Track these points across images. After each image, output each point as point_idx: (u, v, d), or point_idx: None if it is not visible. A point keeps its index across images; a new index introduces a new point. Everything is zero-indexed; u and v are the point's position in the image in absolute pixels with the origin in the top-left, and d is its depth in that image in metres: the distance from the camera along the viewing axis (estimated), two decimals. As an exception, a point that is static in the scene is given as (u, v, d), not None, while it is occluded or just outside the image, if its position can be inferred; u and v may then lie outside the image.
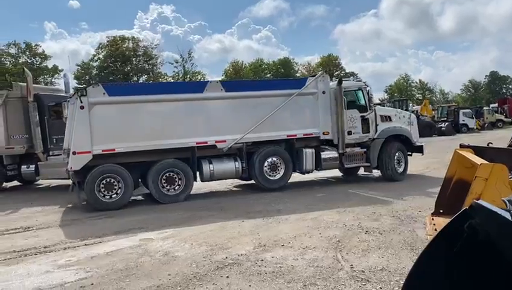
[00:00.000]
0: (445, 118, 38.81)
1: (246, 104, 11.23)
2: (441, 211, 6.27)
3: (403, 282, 4.15)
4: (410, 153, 12.71)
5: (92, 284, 5.15)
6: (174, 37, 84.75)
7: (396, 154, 12.13)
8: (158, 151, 10.51)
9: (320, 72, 12.51)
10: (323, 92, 11.76)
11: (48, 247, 6.97)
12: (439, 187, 6.59)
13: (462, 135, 32.59)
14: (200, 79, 66.79)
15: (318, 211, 8.54)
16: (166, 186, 10.53)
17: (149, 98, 10.55)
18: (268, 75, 79.27)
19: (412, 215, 7.76)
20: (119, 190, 10.16)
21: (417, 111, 36.40)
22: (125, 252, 6.45)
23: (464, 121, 38.10)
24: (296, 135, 11.54)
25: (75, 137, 9.93)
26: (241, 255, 5.95)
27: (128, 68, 60.46)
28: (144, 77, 60.33)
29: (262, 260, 5.67)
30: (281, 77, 75.94)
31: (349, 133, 11.90)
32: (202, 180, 11.24)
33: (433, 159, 15.15)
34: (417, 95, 77.85)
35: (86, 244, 7.02)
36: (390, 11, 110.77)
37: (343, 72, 75.62)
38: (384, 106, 29.64)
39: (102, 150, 10.01)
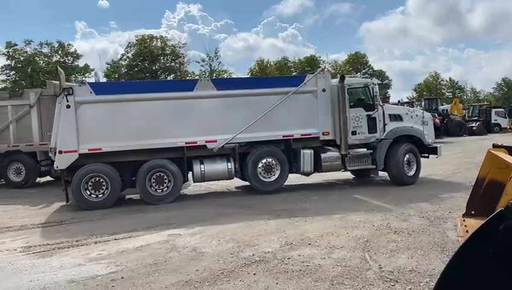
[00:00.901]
0: (477, 118, 37.76)
1: (239, 103, 10.80)
2: (473, 212, 6.11)
3: (433, 284, 4.08)
4: (426, 155, 11.97)
5: (122, 278, 5.28)
6: (201, 35, 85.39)
7: (407, 156, 11.33)
8: (148, 151, 10.36)
9: (319, 69, 11.82)
10: (323, 90, 11.18)
11: (79, 241, 7.17)
12: (470, 188, 6.44)
13: (494, 135, 31.62)
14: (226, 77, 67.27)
15: (345, 211, 8.47)
16: (156, 186, 10.36)
17: (137, 96, 10.37)
18: (294, 74, 78.99)
19: (442, 216, 7.61)
20: (106, 190, 10.12)
21: (447, 110, 35.54)
22: (153, 247, 6.57)
23: (496, 120, 36.93)
24: (292, 136, 11.02)
25: (61, 136, 9.95)
26: (268, 252, 5.98)
27: (156, 67, 61.34)
28: (171, 76, 61.06)
29: (289, 258, 5.68)
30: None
31: (354, 133, 11.26)
32: (194, 181, 11.08)
33: (465, 160, 14.81)
34: (447, 94, 75.97)
35: (116, 239, 7.19)
36: (418, 8, 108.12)
37: (370, 70, 74.68)
38: (413, 105, 29.12)
39: (89, 149, 10.00)
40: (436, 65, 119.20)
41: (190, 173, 10.86)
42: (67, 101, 9.85)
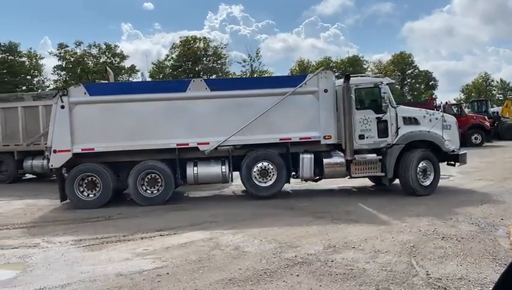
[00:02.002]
0: (530, 120, 35.79)
1: (233, 104, 10.39)
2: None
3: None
4: (453, 163, 10.89)
5: (168, 273, 5.40)
6: (242, 36, 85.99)
7: (422, 163, 10.27)
8: (142, 152, 10.36)
9: (321, 68, 11.03)
10: (325, 91, 10.40)
11: (126, 236, 7.40)
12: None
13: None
14: (268, 78, 67.43)
15: (390, 214, 8.28)
16: (149, 187, 10.39)
17: (130, 97, 10.37)
18: (336, 74, 78.00)
19: (493, 223, 7.28)
20: (98, 189, 10.28)
21: (498, 112, 33.94)
22: (197, 245, 6.69)
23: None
24: (290, 139, 10.41)
25: (56, 135, 10.15)
26: (311, 254, 5.94)
27: (199, 68, 62.38)
28: (213, 76, 61.98)
29: (332, 261, 5.62)
30: (349, 76, 74.49)
31: (362, 137, 10.40)
32: (187, 184, 10.85)
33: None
34: (498, 96, 72.64)
35: (161, 235, 7.37)
36: (464, 6, 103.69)
37: (416, 70, 72.58)
38: (461, 108, 27.96)
39: (82, 149, 10.18)
40: (485, 65, 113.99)
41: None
42: (62, 101, 10.10)
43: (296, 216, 8.49)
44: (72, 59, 55.57)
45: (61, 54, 56.32)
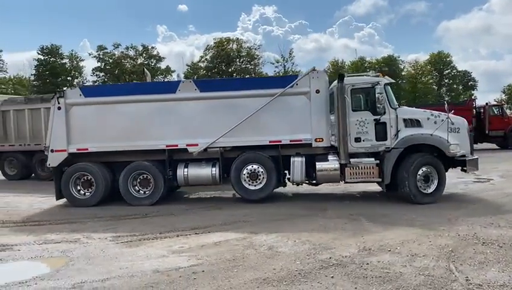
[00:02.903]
0: None
1: (223, 105, 10.27)
2: None
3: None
4: (465, 169, 10.04)
5: (203, 271, 5.49)
6: (275, 37, 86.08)
7: (423, 169, 9.62)
8: (135, 152, 10.51)
9: (311, 68, 10.54)
10: (317, 91, 10.03)
11: (162, 233, 7.56)
12: None
13: None
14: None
15: (428, 218, 8.10)
16: (141, 188, 10.56)
17: (122, 98, 10.52)
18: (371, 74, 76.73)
19: (538, 230, 6.98)
20: (92, 188, 10.56)
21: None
22: (231, 244, 6.75)
23: None
24: (280, 141, 10.15)
25: (53, 136, 10.56)
26: (346, 256, 5.88)
27: (232, 69, 62.86)
28: (246, 77, 62.41)
29: (367, 264, 5.55)
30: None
31: (358, 140, 9.91)
32: (178, 185, 10.87)
33: None
34: (542, 96, 69.51)
35: (196, 233, 7.49)
36: (503, 5, 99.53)
37: (454, 70, 70.49)
38: (503, 109, 26.88)
39: (77, 149, 10.52)
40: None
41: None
42: (59, 103, 10.51)
43: (331, 218, 8.43)
44: (110, 61, 57.23)
45: (100, 56, 58.11)
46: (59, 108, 10.54)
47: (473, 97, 33.45)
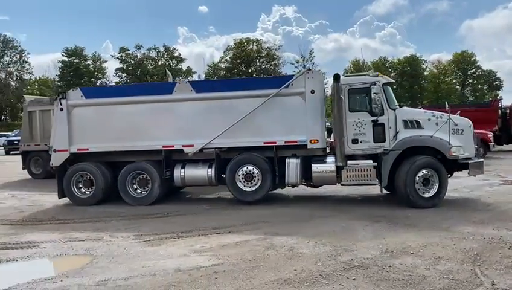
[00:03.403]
0: None
1: (218, 106, 10.23)
2: None
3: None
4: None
5: (224, 271, 5.52)
6: (295, 37, 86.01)
7: (422, 172, 9.23)
8: (134, 153, 10.64)
9: (306, 67, 10.52)
10: (312, 92, 9.80)
11: (184, 232, 7.63)
12: None
13: None
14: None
15: (452, 220, 7.95)
16: (139, 187, 10.70)
17: (120, 100, 10.73)
18: (392, 74, 75.97)
19: None
20: (92, 188, 10.77)
21: None
22: (252, 244, 6.77)
23: None
24: (275, 142, 9.99)
25: (55, 136, 10.89)
26: (367, 258, 5.83)
27: (252, 69, 63.03)
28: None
29: (390, 266, 5.48)
30: (407, 76, 72.15)
31: (355, 141, 9.67)
32: (175, 185, 10.90)
33: None
34: None
35: (217, 233, 7.54)
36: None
37: (478, 70, 69.08)
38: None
39: (78, 149, 10.77)
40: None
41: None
42: (61, 104, 10.79)
43: (352, 219, 8.35)
44: (132, 62, 58.06)
45: (123, 57, 59.00)
46: (61, 109, 10.84)
47: (498, 97, 32.59)
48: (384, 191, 9.94)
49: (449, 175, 9.81)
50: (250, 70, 61.56)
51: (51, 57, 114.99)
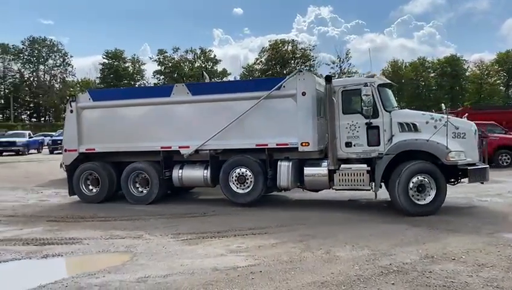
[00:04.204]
0: None
1: (213, 108, 10.34)
2: None
3: None
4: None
5: (261, 271, 5.54)
6: (330, 38, 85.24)
7: (418, 177, 8.74)
8: (137, 153, 10.98)
9: (297, 69, 10.02)
10: (303, 94, 9.61)
11: (220, 232, 7.72)
12: None
13: None
14: (357, 80, 66.02)
15: (496, 226, 7.66)
16: (140, 187, 11.08)
17: (122, 102, 11.19)
18: (432, 75, 73.96)
19: None
20: (99, 186, 11.30)
21: None
22: (288, 246, 6.76)
23: None
24: (267, 145, 9.90)
25: (66, 136, 11.69)
26: (407, 263, 5.70)
27: (287, 70, 62.94)
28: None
29: (430, 272, 5.34)
30: (447, 77, 70.02)
31: (349, 145, 9.43)
32: (174, 185, 11.04)
33: None
34: None
35: (253, 234, 7.58)
36: None
37: (524, 70, 66.22)
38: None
39: (86, 149, 11.35)
40: None
41: None
42: (71, 106, 11.50)
43: (390, 223, 8.20)
44: (170, 64, 59.23)
45: (160, 60, 60.30)
46: (71, 111, 11.51)
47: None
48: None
49: (455, 182, 9.43)
50: (285, 72, 61.41)
51: (92, 59, 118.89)
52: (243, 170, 10.20)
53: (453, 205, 9.86)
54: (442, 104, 10.04)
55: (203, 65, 60.13)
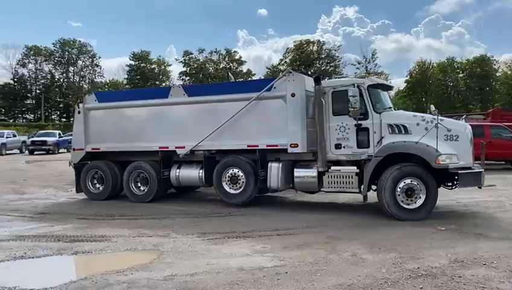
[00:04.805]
0: None
1: (208, 109, 10.52)
2: None
3: None
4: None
5: (286, 272, 5.54)
6: (355, 38, 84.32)
7: (405, 181, 8.47)
8: (137, 153, 11.38)
9: (286, 70, 9.93)
10: (293, 95, 9.55)
11: (245, 232, 7.75)
12: None
13: None
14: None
15: (528, 231, 7.43)
16: (142, 185, 11.44)
17: (124, 104, 11.66)
18: (460, 75, 72.29)
19: None
20: (103, 184, 11.80)
21: None
22: (314, 247, 6.73)
23: None
24: (258, 146, 9.94)
25: (74, 136, 12.45)
26: (435, 267, 5.60)
27: (312, 71, 62.65)
28: (325, 79, 61.79)
29: (460, 277, 5.23)
30: (476, 78, 68.27)
31: (338, 146, 9.30)
32: (173, 184, 11.36)
33: None
34: None
35: (278, 234, 7.58)
36: None
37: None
38: None
39: (91, 149, 11.91)
40: None
41: None
42: (78, 107, 12.14)
43: (418, 226, 8.03)
44: (195, 65, 59.80)
45: (186, 61, 60.96)
46: (79, 112, 12.13)
47: None
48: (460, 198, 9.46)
49: (452, 186, 9.15)
50: (310, 72, 61.18)
51: (119, 60, 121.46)
52: (235, 170, 10.32)
53: (483, 209, 9.62)
54: (432, 105, 9.83)
55: (228, 66, 60.50)
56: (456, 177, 8.63)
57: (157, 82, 68.11)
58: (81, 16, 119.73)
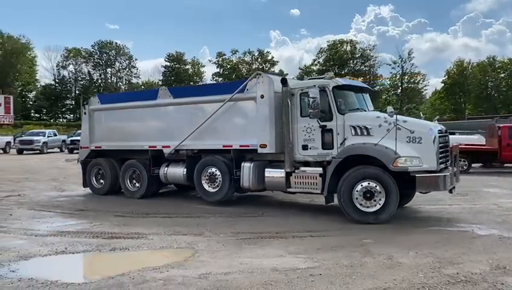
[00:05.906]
0: None
1: (189, 110, 11.05)
2: None
3: None
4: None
5: (320, 274, 5.49)
6: (390, 37, 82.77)
7: (364, 183, 8.30)
8: (134, 152, 12.08)
9: (255, 72, 9.99)
10: (262, 96, 9.69)
11: (278, 233, 7.74)
12: None
13: None
14: (420, 80, 63.41)
15: None
16: (137, 182, 12.03)
17: (120, 105, 12.55)
18: (501, 75, 69.68)
19: None
20: (105, 180, 12.62)
21: None
22: (348, 250, 6.65)
23: None
24: (231, 146, 10.25)
25: (82, 135, 13.55)
26: (475, 273, 5.42)
27: (346, 71, 61.93)
28: (359, 79, 60.94)
29: (502, 284, 5.05)
30: (518, 77, 65.55)
31: (305, 147, 9.32)
32: (162, 182, 11.91)
33: None
34: None
35: (311, 236, 7.54)
36: None
37: None
38: None
39: (95, 147, 12.88)
40: None
41: None
42: (84, 109, 13.23)
43: (456, 231, 7.81)
44: (228, 66, 60.34)
45: (219, 62, 61.59)
46: (85, 113, 13.24)
47: None
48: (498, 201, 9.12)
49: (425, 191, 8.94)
50: (343, 72, 60.44)
51: (155, 62, 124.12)
52: (213, 169, 10.66)
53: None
54: (389, 106, 9.49)
55: (261, 67, 60.64)
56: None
57: (191, 83, 69.12)
58: (118, 19, 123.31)
